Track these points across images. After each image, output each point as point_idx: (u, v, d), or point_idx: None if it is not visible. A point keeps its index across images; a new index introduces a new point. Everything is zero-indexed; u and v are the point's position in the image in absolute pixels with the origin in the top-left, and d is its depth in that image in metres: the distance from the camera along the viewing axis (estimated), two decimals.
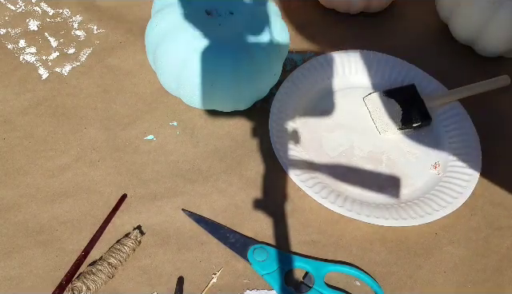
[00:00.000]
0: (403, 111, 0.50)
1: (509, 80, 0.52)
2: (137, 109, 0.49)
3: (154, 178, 0.45)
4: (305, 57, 0.55)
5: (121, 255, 0.39)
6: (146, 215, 0.43)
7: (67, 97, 0.50)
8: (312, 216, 0.44)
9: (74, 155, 0.46)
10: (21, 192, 0.43)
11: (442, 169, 0.47)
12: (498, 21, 0.50)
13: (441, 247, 0.43)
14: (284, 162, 0.44)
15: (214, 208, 0.44)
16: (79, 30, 0.55)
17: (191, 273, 0.40)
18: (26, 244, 0.40)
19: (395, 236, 0.43)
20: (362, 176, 0.47)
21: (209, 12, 0.44)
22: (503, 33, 0.51)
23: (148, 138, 0.48)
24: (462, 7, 0.52)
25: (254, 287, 0.40)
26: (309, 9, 0.60)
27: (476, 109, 0.51)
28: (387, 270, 0.42)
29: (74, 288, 0.37)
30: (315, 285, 0.39)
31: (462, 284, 0.42)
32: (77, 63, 0.52)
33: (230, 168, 0.46)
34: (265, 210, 0.44)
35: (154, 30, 0.44)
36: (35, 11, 0.56)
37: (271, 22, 0.45)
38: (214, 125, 0.49)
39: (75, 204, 0.43)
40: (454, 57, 0.57)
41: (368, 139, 0.49)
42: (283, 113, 0.49)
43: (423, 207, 0.43)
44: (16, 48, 0.52)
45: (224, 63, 0.42)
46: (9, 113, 0.48)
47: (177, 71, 0.43)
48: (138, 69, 0.52)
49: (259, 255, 0.40)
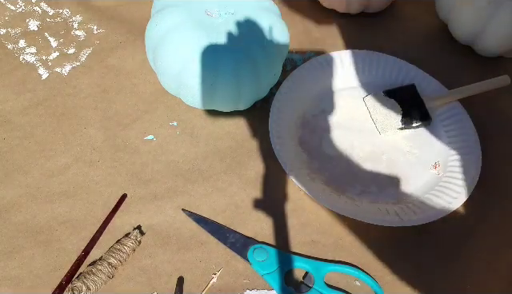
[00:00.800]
0: (403, 111, 0.50)
1: (509, 80, 0.52)
2: (137, 109, 0.49)
3: (154, 178, 0.45)
4: (305, 57, 0.55)
5: (121, 255, 0.39)
6: (146, 215, 0.43)
7: (67, 97, 0.50)
8: (312, 216, 0.44)
9: (74, 155, 0.46)
10: (21, 192, 0.43)
11: (442, 169, 0.47)
12: (498, 21, 0.50)
13: (440, 247, 0.43)
14: (284, 162, 0.44)
15: (214, 208, 0.44)
16: (79, 30, 0.55)
17: (191, 273, 0.40)
18: (26, 244, 0.40)
19: (395, 236, 0.43)
20: (362, 176, 0.47)
21: (209, 12, 0.45)
22: (503, 33, 0.51)
23: (148, 138, 0.48)
24: (461, 7, 0.52)
25: (253, 287, 0.40)
26: (309, 9, 0.60)
27: (476, 109, 0.51)
28: (387, 270, 0.42)
29: (74, 288, 0.37)
30: (315, 285, 0.39)
31: (462, 284, 0.42)
32: (77, 63, 0.52)
33: (230, 168, 0.46)
34: (265, 210, 0.44)
35: (154, 30, 0.44)
36: (35, 11, 0.56)
37: (271, 22, 0.45)
38: (214, 125, 0.49)
39: (75, 204, 0.43)
40: (453, 57, 0.57)
41: (368, 139, 0.49)
42: (283, 113, 0.48)
43: (423, 207, 0.43)
44: (16, 48, 0.52)
45: (224, 63, 0.42)
46: (9, 113, 0.48)
47: (177, 71, 0.43)
48: (138, 69, 0.52)
49: (259, 255, 0.40)
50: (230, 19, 0.44)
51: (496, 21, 0.50)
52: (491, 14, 0.50)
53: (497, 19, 0.50)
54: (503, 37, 0.52)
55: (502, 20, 0.50)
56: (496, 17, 0.50)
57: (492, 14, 0.50)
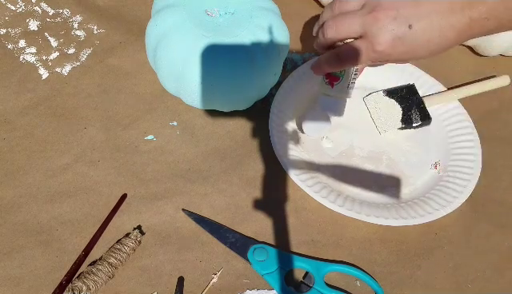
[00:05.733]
0: (403, 111, 0.50)
1: (509, 80, 0.52)
2: (137, 109, 0.49)
3: (154, 178, 0.45)
4: (305, 57, 0.55)
5: (121, 255, 0.39)
6: (146, 215, 0.43)
7: (67, 97, 0.50)
8: (312, 216, 0.44)
9: (74, 155, 0.46)
10: (21, 192, 0.43)
11: (442, 169, 0.47)
12: None
13: (441, 247, 0.43)
14: (284, 162, 0.44)
15: (214, 207, 0.44)
16: (79, 30, 0.55)
17: (191, 273, 0.40)
18: (26, 244, 0.40)
19: (395, 235, 0.43)
20: (362, 175, 0.47)
21: (209, 12, 0.45)
22: (503, 33, 0.51)
23: (148, 138, 0.48)
24: None
25: (253, 287, 0.40)
26: (309, 9, 0.60)
27: (476, 109, 0.51)
28: (387, 270, 0.42)
29: (75, 288, 0.37)
30: (315, 285, 0.39)
31: (462, 284, 0.42)
32: (77, 63, 0.52)
33: (230, 168, 0.46)
34: (265, 210, 0.44)
35: (154, 30, 0.44)
36: (35, 11, 0.56)
37: (271, 22, 0.45)
38: (214, 125, 0.49)
39: (75, 204, 0.43)
40: (453, 57, 0.57)
41: (368, 139, 0.49)
42: (283, 113, 0.49)
43: (423, 206, 0.43)
44: (16, 48, 0.52)
45: (224, 63, 0.42)
46: (9, 113, 0.48)
47: (177, 71, 0.43)
48: (138, 69, 0.52)
49: (259, 255, 0.41)
50: (230, 19, 0.44)
51: None
52: None
53: None
54: (503, 37, 0.52)
55: None
56: None
57: None
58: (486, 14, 0.32)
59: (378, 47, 0.35)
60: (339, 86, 0.42)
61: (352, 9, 0.36)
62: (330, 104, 0.43)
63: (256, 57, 0.43)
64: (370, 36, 0.35)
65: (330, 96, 0.43)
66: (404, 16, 0.33)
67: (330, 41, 0.38)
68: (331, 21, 0.37)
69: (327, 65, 0.40)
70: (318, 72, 0.42)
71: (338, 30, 0.37)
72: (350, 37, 0.37)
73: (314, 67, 0.42)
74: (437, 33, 0.33)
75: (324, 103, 0.43)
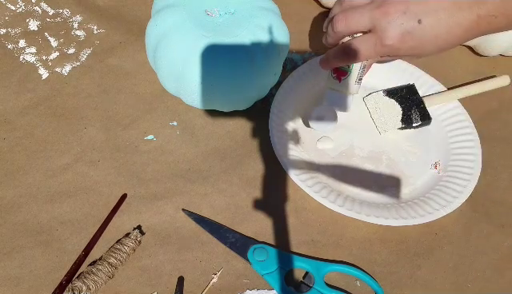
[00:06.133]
0: (403, 111, 0.50)
1: (509, 80, 0.52)
2: (137, 109, 0.49)
3: (154, 178, 0.45)
4: (305, 57, 0.55)
5: (121, 255, 0.39)
6: (146, 215, 0.43)
7: (67, 97, 0.50)
8: (312, 216, 0.44)
9: (74, 155, 0.46)
10: (21, 192, 0.43)
11: (442, 169, 0.47)
12: None
13: (441, 247, 0.43)
14: (284, 162, 0.44)
15: (213, 207, 0.44)
16: (79, 30, 0.55)
17: (191, 273, 0.40)
18: (26, 244, 0.40)
19: (395, 235, 0.43)
20: (362, 175, 0.47)
21: (209, 12, 0.44)
22: (502, 33, 0.51)
23: (148, 138, 0.48)
24: None
25: (253, 287, 0.40)
26: (309, 9, 0.60)
27: (476, 109, 0.51)
28: (387, 270, 0.42)
29: (74, 288, 0.37)
30: (315, 285, 0.39)
31: (461, 284, 0.42)
32: (77, 63, 0.52)
33: (230, 168, 0.46)
34: (265, 210, 0.44)
35: (154, 30, 0.44)
36: (35, 11, 0.56)
37: (271, 22, 0.45)
38: (214, 125, 0.49)
39: (75, 204, 0.43)
40: (454, 57, 0.57)
41: (368, 139, 0.49)
42: (283, 113, 0.49)
43: (423, 206, 0.43)
44: (16, 48, 0.52)
45: (224, 63, 0.42)
46: (9, 113, 0.48)
47: (177, 71, 0.43)
48: (138, 69, 0.52)
49: (259, 255, 0.41)
50: (230, 19, 0.44)
51: None
52: None
53: None
54: (503, 37, 0.52)
55: None
56: None
57: None
58: (493, 12, 0.32)
59: (387, 41, 0.35)
60: (346, 81, 0.42)
61: (361, 4, 0.37)
62: (337, 98, 0.43)
63: (256, 57, 0.43)
64: (379, 30, 0.35)
65: (337, 90, 0.43)
66: (413, 11, 0.34)
67: (339, 34, 0.38)
68: (341, 15, 0.37)
69: (335, 59, 0.40)
70: (326, 66, 0.42)
71: (348, 24, 0.37)
72: (359, 31, 0.37)
73: (322, 62, 0.42)
74: (444, 30, 0.34)
75: (330, 97, 0.44)
